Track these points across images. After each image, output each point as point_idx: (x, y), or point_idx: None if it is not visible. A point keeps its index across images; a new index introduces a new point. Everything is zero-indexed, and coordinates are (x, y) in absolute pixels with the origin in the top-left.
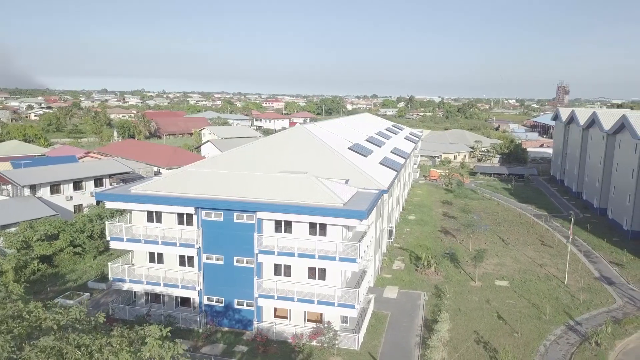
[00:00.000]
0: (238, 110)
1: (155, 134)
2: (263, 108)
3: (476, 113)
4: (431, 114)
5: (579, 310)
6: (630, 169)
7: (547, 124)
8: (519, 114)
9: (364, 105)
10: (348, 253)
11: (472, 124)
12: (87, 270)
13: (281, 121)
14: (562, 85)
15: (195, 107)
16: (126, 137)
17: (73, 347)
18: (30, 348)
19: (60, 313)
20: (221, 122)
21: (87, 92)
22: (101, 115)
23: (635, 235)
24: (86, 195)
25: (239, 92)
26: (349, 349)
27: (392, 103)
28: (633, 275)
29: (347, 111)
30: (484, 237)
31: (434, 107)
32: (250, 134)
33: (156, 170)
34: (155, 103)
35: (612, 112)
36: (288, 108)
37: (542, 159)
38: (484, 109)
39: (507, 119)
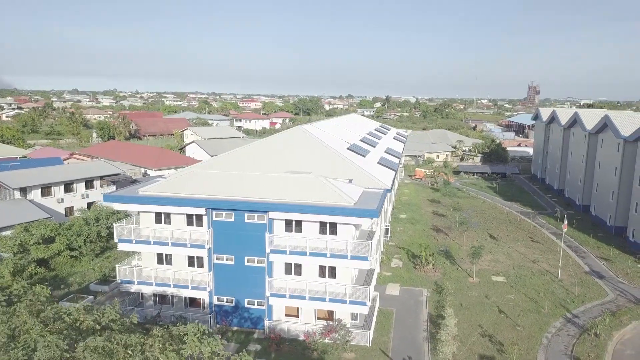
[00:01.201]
0: (215, 110)
1: (135, 135)
2: (240, 108)
3: (452, 113)
4: (408, 114)
5: (575, 304)
6: (613, 167)
7: (522, 123)
8: (493, 114)
9: (340, 105)
10: (359, 251)
11: (449, 124)
12: (86, 273)
13: (261, 121)
14: (533, 85)
15: (172, 108)
16: (106, 139)
17: (121, 346)
18: (83, 348)
19: (97, 314)
20: (201, 122)
21: (58, 92)
22: (77, 116)
23: (618, 230)
24: (77, 197)
25: (213, 92)
26: (361, 345)
27: (369, 103)
28: (621, 269)
29: (324, 111)
30: (475, 234)
31: (411, 107)
32: (233, 134)
33: (144, 171)
34: (130, 103)
35: (594, 112)
36: (266, 108)
37: (521, 157)
38: (459, 109)
39: (483, 118)
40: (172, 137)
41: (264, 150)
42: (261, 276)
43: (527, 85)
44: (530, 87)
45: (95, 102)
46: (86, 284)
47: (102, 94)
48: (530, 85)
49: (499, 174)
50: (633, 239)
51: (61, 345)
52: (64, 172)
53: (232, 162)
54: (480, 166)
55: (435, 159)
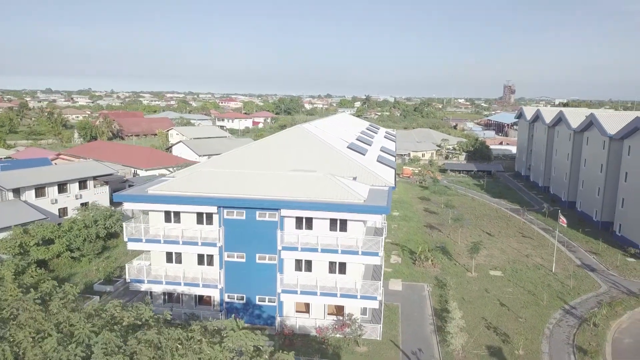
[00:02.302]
0: (196, 110)
1: (118, 135)
2: (221, 108)
3: (432, 112)
4: (388, 114)
5: (571, 296)
6: (599, 164)
7: (501, 122)
8: (471, 113)
9: (320, 105)
10: (370, 247)
11: (430, 123)
12: (87, 273)
13: (244, 121)
14: (509, 85)
15: (151, 108)
16: (88, 139)
17: (173, 340)
18: (137, 342)
19: (131, 311)
20: (184, 122)
21: (31, 91)
22: (56, 116)
23: (605, 225)
24: (71, 198)
25: (190, 92)
26: (372, 339)
27: (349, 103)
28: (610, 262)
29: (305, 111)
30: (468, 231)
31: (390, 106)
32: (219, 134)
33: (134, 172)
34: (108, 103)
35: (578, 111)
36: (247, 108)
37: (504, 156)
38: (438, 108)
39: (461, 117)
40: (155, 137)
41: (266, 149)
42: (272, 273)
43: (503, 85)
44: (506, 86)
45: (71, 102)
46: (90, 285)
47: (76, 93)
48: (506, 85)
49: (484, 171)
50: (620, 233)
51: (117, 341)
52: (57, 172)
53: (235, 161)
54: (465, 164)
55: (420, 158)
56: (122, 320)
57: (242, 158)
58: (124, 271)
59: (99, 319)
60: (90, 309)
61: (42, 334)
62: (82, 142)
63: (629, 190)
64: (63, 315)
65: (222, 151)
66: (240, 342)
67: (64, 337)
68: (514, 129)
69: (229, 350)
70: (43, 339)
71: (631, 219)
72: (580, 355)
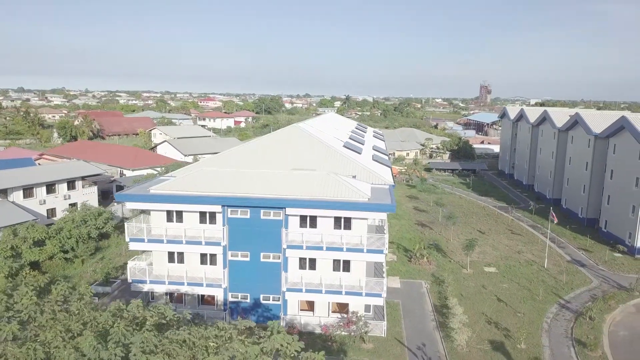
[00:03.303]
0: (175, 109)
1: (98, 135)
2: (200, 107)
3: (412, 112)
4: (369, 113)
5: (565, 290)
6: (584, 162)
7: (481, 121)
8: (449, 112)
9: (299, 104)
10: (375, 245)
11: (411, 123)
12: (82, 274)
13: (225, 120)
14: (485, 85)
15: (129, 107)
16: (68, 139)
17: (205, 339)
18: (169, 341)
19: (152, 311)
20: (166, 122)
21: (2, 90)
22: (33, 115)
23: (590, 222)
24: (59, 198)
25: (167, 91)
26: (376, 335)
27: (329, 102)
28: (599, 257)
29: (286, 110)
30: (459, 228)
31: (370, 106)
32: (203, 133)
33: (120, 171)
34: (84, 102)
35: (562, 111)
36: (227, 107)
37: (486, 154)
38: (417, 108)
39: (441, 117)
40: (137, 137)
41: (264, 148)
42: (277, 271)
43: (480, 85)
44: (482, 86)
45: (46, 101)
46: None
47: (50, 92)
48: (482, 85)
49: (469, 170)
50: (606, 229)
51: (155, 340)
52: (45, 172)
53: (234, 161)
54: (450, 163)
55: (405, 157)
56: (145, 320)
57: (241, 157)
58: (119, 272)
59: (122, 319)
60: (113, 309)
61: (72, 333)
62: (62, 142)
63: (615, 187)
64: (90, 315)
65: (207, 151)
66: (278, 345)
67: (98, 337)
68: (493, 129)
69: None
70: (72, 339)
71: (617, 215)
72: (580, 348)
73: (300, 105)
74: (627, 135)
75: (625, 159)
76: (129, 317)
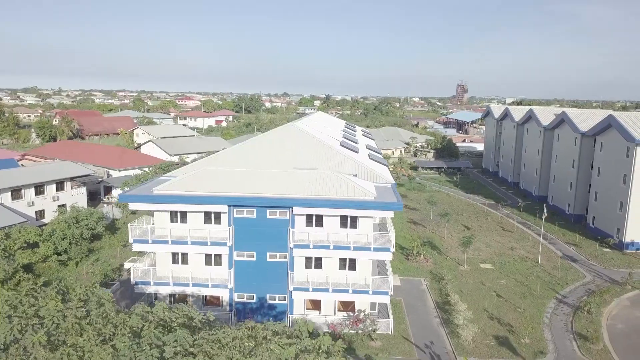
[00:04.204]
0: (153, 108)
1: (78, 135)
2: (179, 106)
3: (392, 110)
4: (349, 112)
5: (560, 286)
6: (570, 159)
7: (461, 120)
8: (428, 111)
9: (279, 103)
10: (382, 243)
11: (392, 122)
12: (78, 277)
13: (207, 119)
14: (462, 84)
15: (106, 106)
16: (47, 139)
17: (239, 340)
18: (204, 340)
19: (177, 313)
20: (146, 121)
21: None
22: (9, 115)
23: (577, 218)
24: (48, 200)
25: (142, 90)
26: (384, 333)
27: (309, 102)
28: (589, 252)
29: (266, 109)
30: (451, 226)
31: (350, 105)
32: (187, 132)
33: (107, 172)
34: (59, 102)
35: (548, 110)
36: (206, 106)
37: (469, 153)
38: (396, 107)
39: (420, 115)
40: (118, 137)
41: (262, 148)
42: (283, 271)
43: (456, 84)
44: (459, 85)
45: (19, 100)
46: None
47: (22, 91)
48: (459, 84)
49: (454, 168)
50: (593, 225)
51: (190, 340)
52: (34, 173)
53: (235, 160)
54: (435, 161)
55: (390, 155)
56: (172, 322)
57: (240, 157)
58: (116, 273)
59: (148, 322)
60: (139, 311)
61: (103, 337)
62: (41, 142)
63: (602, 184)
64: (119, 319)
65: (193, 150)
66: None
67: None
68: (473, 127)
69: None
70: (104, 342)
71: (604, 211)
72: (582, 342)
73: (279, 104)
74: (615, 133)
75: (613, 156)
76: (154, 320)
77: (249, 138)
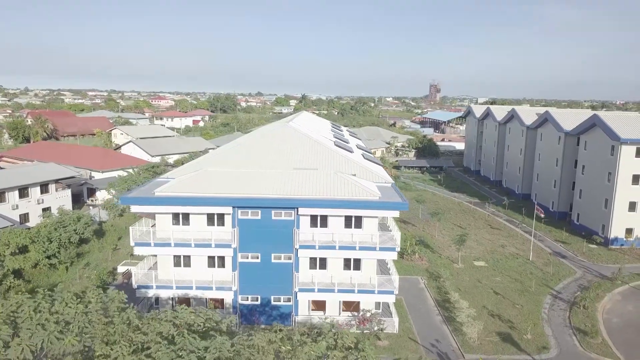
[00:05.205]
0: (127, 108)
1: (52, 136)
2: (153, 106)
3: (368, 110)
4: (326, 112)
5: (554, 282)
6: (554, 158)
7: (437, 119)
8: (402, 111)
9: (254, 103)
10: (387, 243)
11: (369, 121)
12: (72, 282)
13: (184, 119)
14: (435, 84)
15: (77, 106)
16: (20, 140)
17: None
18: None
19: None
20: (122, 121)
21: None
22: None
23: (561, 215)
24: (32, 203)
25: (113, 90)
26: (389, 332)
27: (285, 101)
28: (577, 248)
29: (241, 109)
30: (441, 224)
31: (326, 105)
32: (166, 133)
33: (90, 174)
34: (27, 101)
35: (529, 110)
36: (181, 106)
37: (449, 152)
38: (371, 107)
39: (395, 115)
40: (94, 137)
41: (258, 148)
42: (288, 272)
43: (429, 84)
44: (432, 85)
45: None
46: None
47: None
48: (432, 84)
49: (436, 167)
50: (578, 222)
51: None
52: (17, 176)
53: (232, 161)
54: (417, 161)
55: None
56: (199, 327)
57: (237, 157)
58: (110, 277)
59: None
60: (166, 317)
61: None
62: (14, 143)
63: (586, 182)
64: (150, 326)
65: (175, 151)
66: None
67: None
68: (450, 126)
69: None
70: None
71: (589, 208)
72: (581, 336)
73: (255, 104)
74: (599, 132)
75: (597, 155)
76: (182, 324)
77: (229, 138)
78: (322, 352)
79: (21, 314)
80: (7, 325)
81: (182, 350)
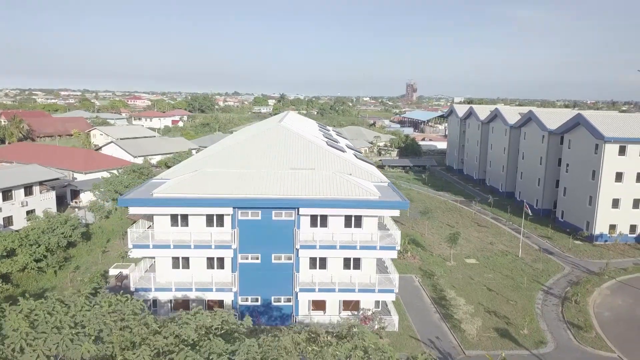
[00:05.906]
0: (103, 108)
1: (28, 136)
2: (130, 106)
3: (347, 110)
4: (305, 112)
5: (544, 278)
6: (538, 157)
7: (416, 119)
8: (380, 111)
9: (232, 103)
10: (388, 242)
11: (349, 121)
12: (63, 286)
13: (163, 119)
14: (411, 84)
15: (51, 106)
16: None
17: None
18: (269, 348)
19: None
20: (100, 122)
21: None
22: None
23: (545, 212)
24: (16, 205)
25: (86, 89)
26: (390, 330)
27: (263, 101)
28: (562, 245)
29: (220, 108)
30: (430, 223)
31: (305, 104)
32: (148, 133)
33: (72, 175)
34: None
35: (512, 109)
36: (158, 106)
37: (430, 151)
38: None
39: (373, 115)
40: (71, 138)
41: (252, 148)
42: (289, 272)
43: (406, 84)
44: (409, 85)
45: None
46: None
47: None
48: (408, 84)
49: (419, 166)
50: (562, 219)
51: (256, 348)
52: (0, 178)
53: (229, 161)
54: (401, 160)
55: None
56: (217, 329)
57: (231, 157)
58: (103, 280)
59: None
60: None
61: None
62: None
63: (571, 180)
64: (169, 330)
65: (158, 151)
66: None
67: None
68: (429, 126)
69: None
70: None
71: (573, 206)
72: (575, 331)
73: (232, 103)
74: (583, 131)
75: (581, 153)
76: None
77: (212, 138)
78: (347, 352)
79: (37, 317)
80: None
81: (212, 354)
